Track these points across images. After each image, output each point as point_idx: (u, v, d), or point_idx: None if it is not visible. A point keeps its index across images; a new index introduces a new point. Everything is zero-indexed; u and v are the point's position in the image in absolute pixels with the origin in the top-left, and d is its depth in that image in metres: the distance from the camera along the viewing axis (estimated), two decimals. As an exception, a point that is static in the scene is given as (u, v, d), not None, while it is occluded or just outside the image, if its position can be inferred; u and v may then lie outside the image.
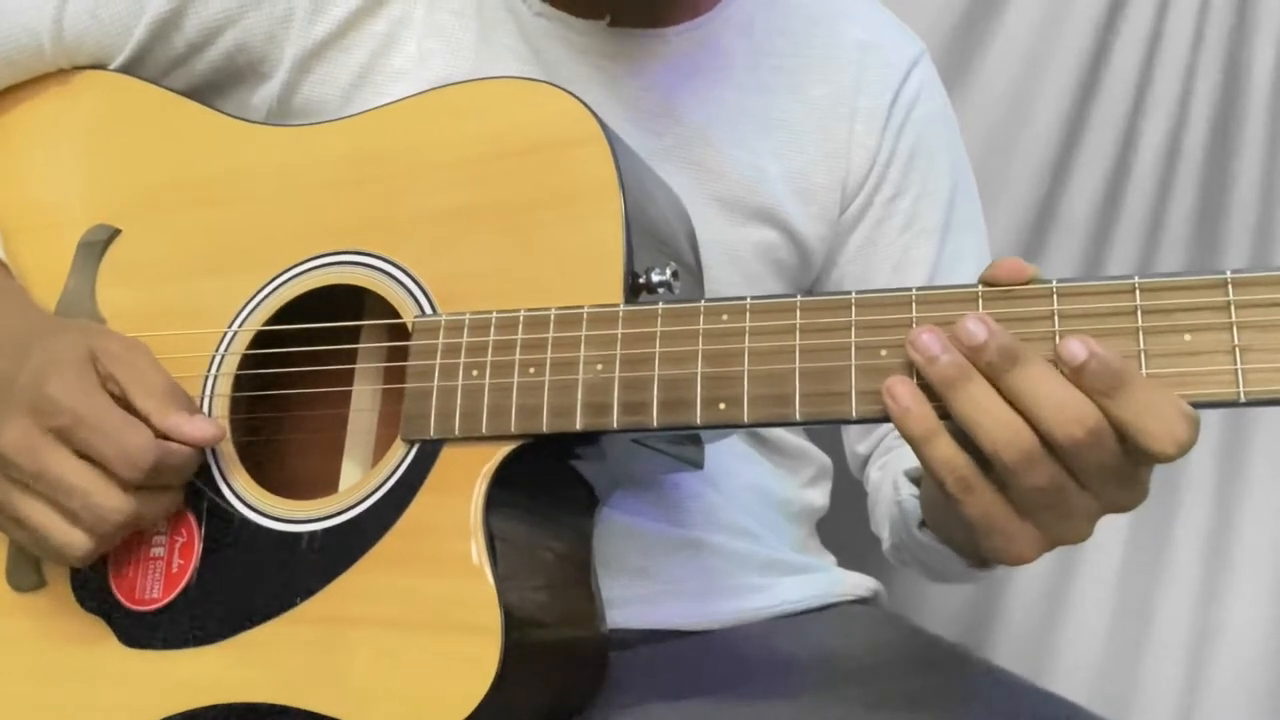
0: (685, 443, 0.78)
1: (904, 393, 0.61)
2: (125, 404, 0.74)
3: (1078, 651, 1.32)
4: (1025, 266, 0.63)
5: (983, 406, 0.60)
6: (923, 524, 0.81)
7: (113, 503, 0.72)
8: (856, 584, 0.98)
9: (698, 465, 0.80)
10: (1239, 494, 1.33)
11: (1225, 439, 1.33)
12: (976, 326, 0.60)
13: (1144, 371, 0.59)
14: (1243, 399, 0.58)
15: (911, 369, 0.62)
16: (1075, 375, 0.59)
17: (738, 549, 0.92)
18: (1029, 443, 0.59)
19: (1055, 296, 0.61)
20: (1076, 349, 0.59)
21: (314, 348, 0.79)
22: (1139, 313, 0.60)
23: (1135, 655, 1.32)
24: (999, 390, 0.60)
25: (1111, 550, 1.32)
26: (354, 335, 0.81)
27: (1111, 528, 1.32)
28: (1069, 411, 0.59)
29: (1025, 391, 0.59)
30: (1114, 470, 0.60)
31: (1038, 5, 1.34)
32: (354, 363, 0.82)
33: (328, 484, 0.80)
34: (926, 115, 0.99)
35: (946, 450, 0.61)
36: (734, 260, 0.92)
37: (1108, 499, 0.61)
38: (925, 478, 0.78)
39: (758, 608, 0.91)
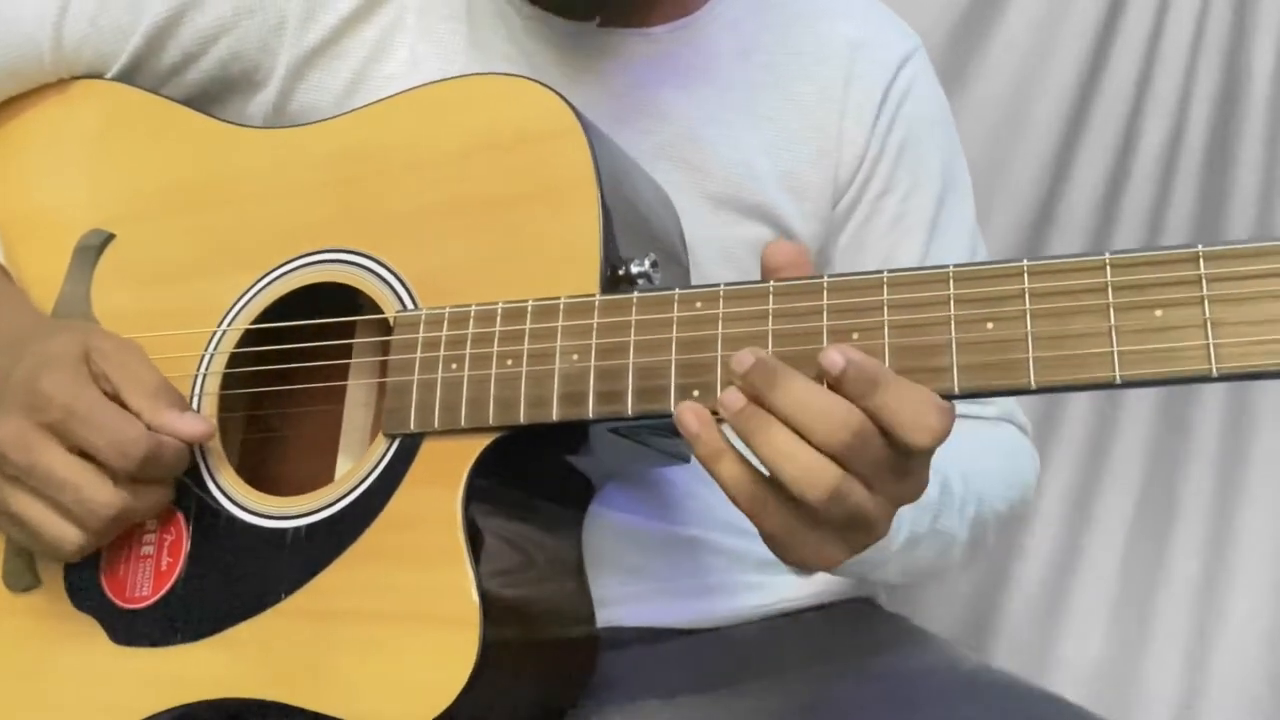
0: (668, 435, 0.78)
1: (691, 420, 0.63)
2: (118, 401, 0.75)
3: (1078, 651, 1.31)
4: (805, 261, 0.66)
5: (771, 442, 0.61)
6: None
7: (104, 496, 0.73)
8: (854, 583, 0.97)
9: (684, 459, 0.79)
10: (1238, 495, 1.32)
11: (1225, 440, 1.32)
12: (742, 356, 0.62)
13: (1114, 350, 0.59)
14: (1215, 374, 0.57)
15: (883, 349, 0.62)
16: (837, 384, 0.61)
17: (734, 546, 0.92)
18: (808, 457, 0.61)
19: (1026, 275, 0.61)
20: (834, 358, 0.61)
21: (301, 345, 0.79)
22: (1110, 289, 0.59)
23: (1135, 655, 1.31)
24: (771, 413, 0.62)
25: (1111, 550, 1.32)
26: (342, 332, 0.82)
27: (1111, 528, 1.32)
28: (835, 418, 0.60)
29: (790, 407, 0.61)
30: (887, 465, 0.62)
31: (1038, 5, 1.34)
32: (343, 359, 0.82)
33: (325, 481, 0.80)
34: (917, 112, 0.98)
35: (733, 469, 0.63)
36: (728, 257, 0.92)
37: (890, 493, 0.63)
38: None
39: (755, 606, 0.91)
